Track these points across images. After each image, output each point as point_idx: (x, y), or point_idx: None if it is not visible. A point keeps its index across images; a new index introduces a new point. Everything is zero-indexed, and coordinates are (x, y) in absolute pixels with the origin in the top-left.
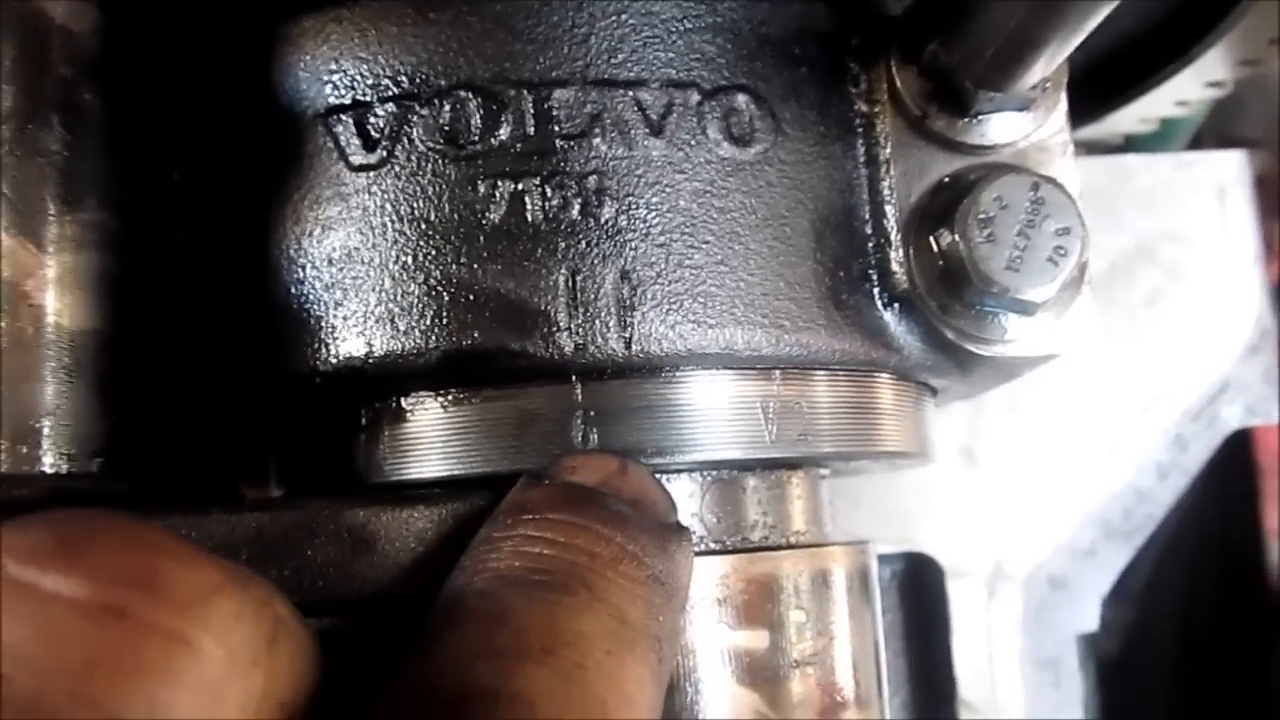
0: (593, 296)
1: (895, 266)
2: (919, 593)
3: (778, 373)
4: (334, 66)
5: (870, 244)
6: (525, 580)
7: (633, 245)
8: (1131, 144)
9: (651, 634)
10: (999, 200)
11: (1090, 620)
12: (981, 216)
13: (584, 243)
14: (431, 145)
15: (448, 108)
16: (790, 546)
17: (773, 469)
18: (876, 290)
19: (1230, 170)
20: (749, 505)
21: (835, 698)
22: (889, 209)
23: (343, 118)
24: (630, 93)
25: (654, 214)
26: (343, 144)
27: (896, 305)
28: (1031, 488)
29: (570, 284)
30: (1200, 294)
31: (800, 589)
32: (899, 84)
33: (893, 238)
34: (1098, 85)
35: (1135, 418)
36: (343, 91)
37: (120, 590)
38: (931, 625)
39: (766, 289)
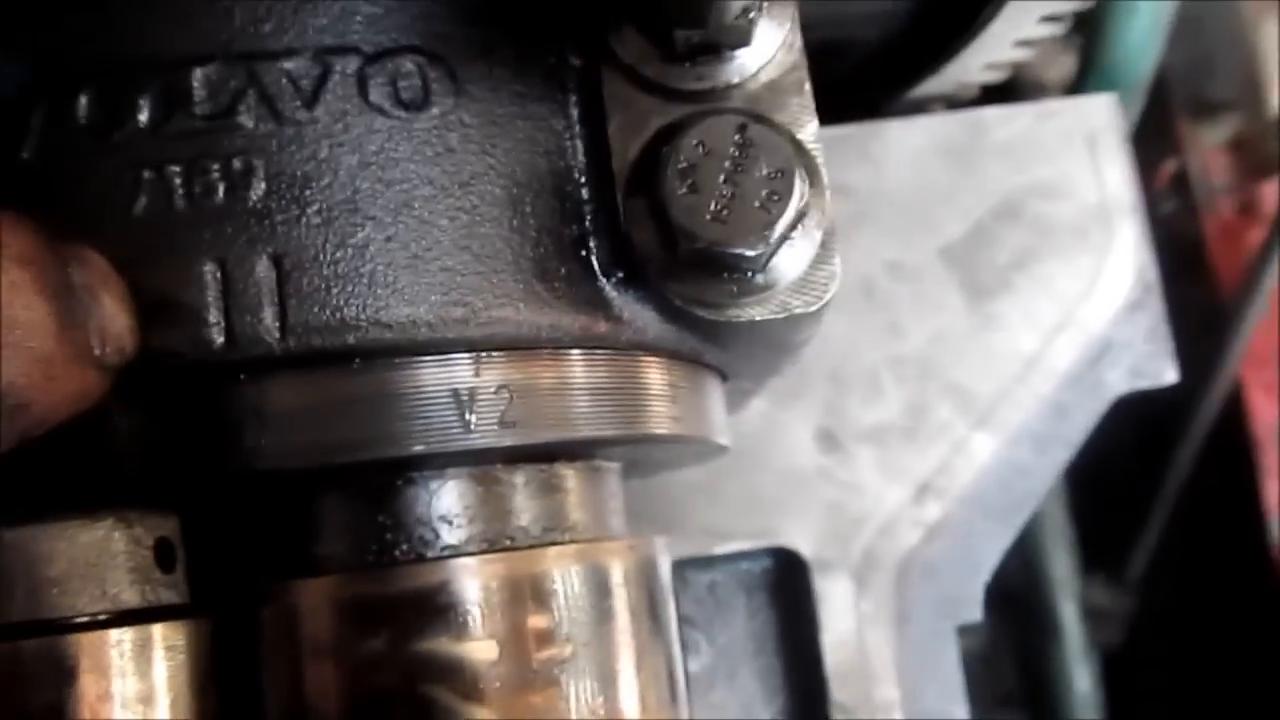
0: (242, 286)
1: (615, 230)
2: (785, 590)
3: (472, 356)
4: None
5: (588, 208)
6: None
7: (284, 227)
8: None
9: None
10: (700, 146)
11: (972, 608)
12: (682, 165)
13: (230, 229)
14: (71, 137)
15: (84, 98)
16: (536, 545)
17: (523, 461)
18: (595, 258)
19: (1100, 116)
20: (492, 503)
21: (596, 711)
22: (607, 168)
23: None
24: (279, 64)
25: (310, 191)
26: None
27: (621, 273)
28: (898, 469)
29: (218, 275)
30: (1074, 250)
31: (551, 590)
32: (610, 32)
33: (612, 199)
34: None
35: (1009, 388)
36: None
37: None
38: (800, 623)
39: (447, 264)
